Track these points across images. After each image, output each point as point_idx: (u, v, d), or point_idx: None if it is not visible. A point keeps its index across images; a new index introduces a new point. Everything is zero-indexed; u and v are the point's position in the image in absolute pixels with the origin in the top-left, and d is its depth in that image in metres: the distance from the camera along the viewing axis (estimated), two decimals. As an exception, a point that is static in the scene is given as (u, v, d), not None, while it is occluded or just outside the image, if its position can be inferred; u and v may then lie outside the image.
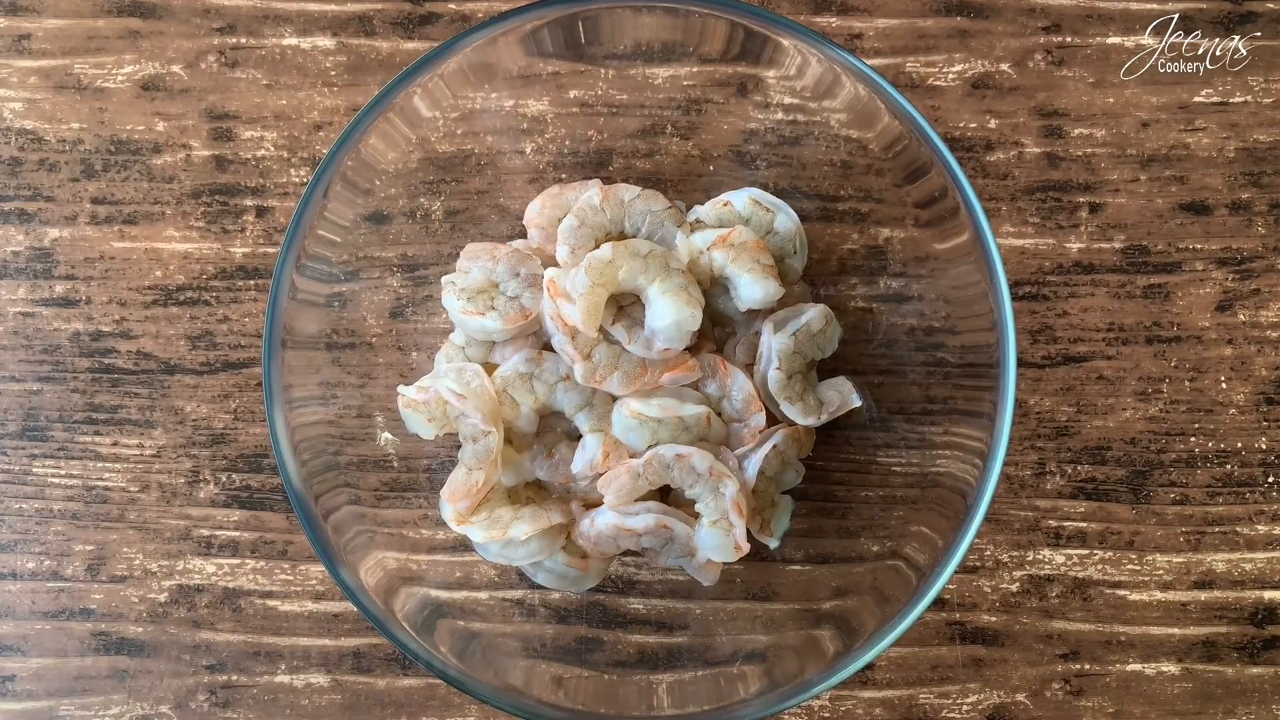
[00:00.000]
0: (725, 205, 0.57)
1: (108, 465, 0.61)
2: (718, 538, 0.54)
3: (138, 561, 0.61)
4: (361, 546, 0.56)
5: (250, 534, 0.61)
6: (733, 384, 0.56)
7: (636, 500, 0.55)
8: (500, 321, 0.55)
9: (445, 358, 0.58)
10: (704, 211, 0.57)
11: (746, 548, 0.54)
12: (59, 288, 0.62)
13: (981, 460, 0.50)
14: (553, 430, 0.58)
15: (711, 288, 0.57)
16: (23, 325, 0.62)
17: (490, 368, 0.57)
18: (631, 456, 0.55)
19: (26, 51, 0.63)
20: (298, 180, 0.62)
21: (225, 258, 0.62)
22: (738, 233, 0.55)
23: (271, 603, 0.61)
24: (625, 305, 0.55)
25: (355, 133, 0.51)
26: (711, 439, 0.56)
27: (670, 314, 0.53)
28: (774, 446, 0.55)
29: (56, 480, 0.61)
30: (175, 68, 0.63)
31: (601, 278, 0.53)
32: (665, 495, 0.57)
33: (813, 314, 0.56)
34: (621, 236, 0.56)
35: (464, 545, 0.59)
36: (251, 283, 0.62)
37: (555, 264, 0.56)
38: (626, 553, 0.58)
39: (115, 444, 0.61)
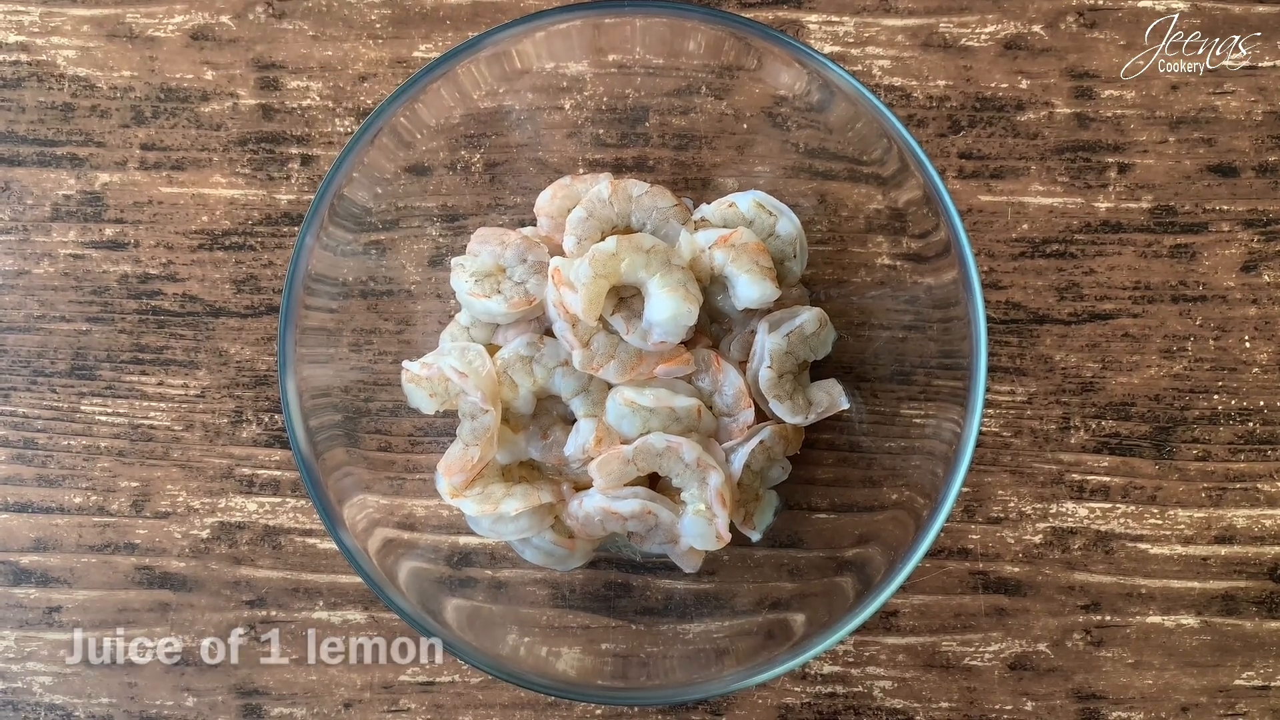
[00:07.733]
0: (730, 206, 0.58)
1: (153, 404, 0.63)
2: (700, 526, 0.55)
3: (181, 498, 0.62)
4: (392, 490, 0.58)
5: (291, 473, 0.62)
6: (725, 379, 0.57)
7: (625, 485, 0.56)
8: (505, 305, 0.56)
9: (450, 336, 0.59)
10: (709, 210, 0.58)
11: (728, 537, 0.56)
12: (108, 231, 0.63)
13: (963, 407, 0.52)
14: (549, 413, 0.59)
15: (711, 285, 0.58)
16: (73, 267, 0.63)
17: (493, 349, 0.58)
18: (623, 443, 0.56)
19: (80, 0, 0.64)
20: (342, 130, 0.63)
21: (270, 204, 0.63)
22: (739, 234, 0.56)
23: (311, 540, 0.62)
24: (626, 297, 0.56)
25: (399, 100, 0.53)
26: (701, 431, 0.57)
27: (668, 308, 0.54)
28: (760, 442, 0.57)
29: (103, 418, 0.63)
30: (224, 18, 0.64)
31: (604, 269, 0.54)
32: (653, 483, 0.59)
33: (807, 317, 0.57)
34: (628, 230, 0.57)
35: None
36: (295, 229, 0.63)
37: (562, 253, 0.57)
38: (612, 535, 0.59)
39: (161, 384, 0.63)
